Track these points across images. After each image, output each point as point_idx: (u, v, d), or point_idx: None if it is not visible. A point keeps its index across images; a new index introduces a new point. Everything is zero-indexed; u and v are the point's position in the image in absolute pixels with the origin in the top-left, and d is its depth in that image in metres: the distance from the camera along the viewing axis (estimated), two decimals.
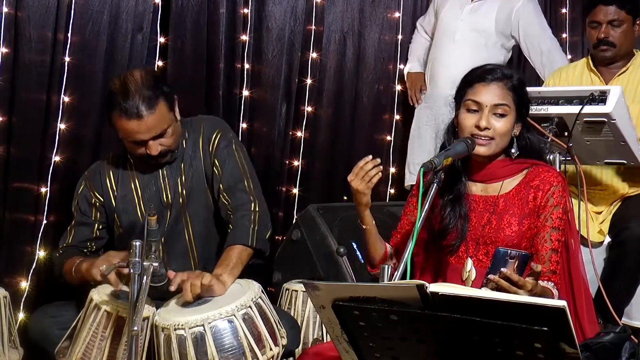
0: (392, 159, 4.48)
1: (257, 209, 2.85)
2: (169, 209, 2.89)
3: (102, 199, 2.93)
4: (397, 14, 4.52)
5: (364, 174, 2.36)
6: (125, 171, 2.94)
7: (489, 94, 2.39)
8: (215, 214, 2.93)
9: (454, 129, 2.50)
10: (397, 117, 4.45)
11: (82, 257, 2.81)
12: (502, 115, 2.39)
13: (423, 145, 4.22)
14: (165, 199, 2.89)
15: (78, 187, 2.99)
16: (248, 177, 2.91)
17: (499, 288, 2.08)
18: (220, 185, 2.87)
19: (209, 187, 2.91)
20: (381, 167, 2.38)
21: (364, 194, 2.40)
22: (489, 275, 2.13)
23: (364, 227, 2.50)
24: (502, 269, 2.09)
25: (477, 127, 2.38)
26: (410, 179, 4.26)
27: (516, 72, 2.52)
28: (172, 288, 2.61)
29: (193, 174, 2.90)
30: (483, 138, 2.38)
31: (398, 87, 4.44)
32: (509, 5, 4.11)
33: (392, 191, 4.45)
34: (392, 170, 4.44)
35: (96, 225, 2.94)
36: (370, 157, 2.38)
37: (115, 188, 2.93)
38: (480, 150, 2.40)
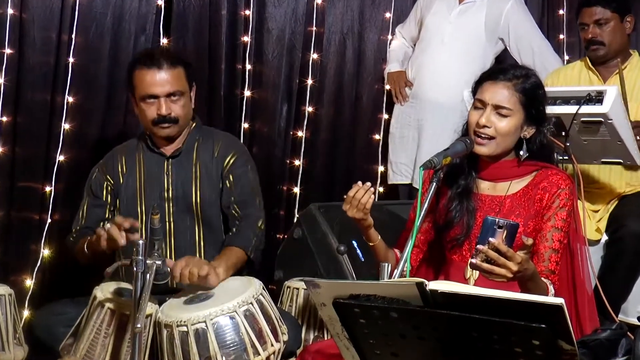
0: (380, 158, 4.45)
1: (262, 227, 2.95)
2: (169, 203, 2.91)
3: (112, 181, 2.97)
4: (388, 15, 4.47)
5: (357, 202, 2.31)
6: (134, 157, 2.98)
7: (494, 93, 2.35)
8: (224, 224, 2.98)
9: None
10: (385, 116, 4.43)
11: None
12: (504, 116, 2.34)
13: (405, 145, 4.15)
14: (165, 193, 2.91)
15: (92, 172, 3.03)
16: (260, 196, 3.01)
17: (488, 260, 2.02)
18: (232, 198, 2.93)
19: (219, 198, 2.95)
20: (372, 189, 2.32)
21: (363, 219, 2.36)
22: (477, 246, 2.04)
23: (370, 244, 2.44)
24: (490, 239, 2.01)
25: (477, 124, 2.35)
26: (393, 177, 4.20)
27: (534, 75, 2.43)
28: (176, 278, 2.63)
29: (208, 181, 2.94)
30: (483, 136, 2.36)
31: (387, 87, 4.40)
32: (498, 7, 4.03)
33: (381, 189, 4.42)
34: (381, 169, 4.41)
35: (108, 207, 2.97)
36: (360, 183, 2.33)
37: (124, 171, 2.97)
38: (480, 149, 2.37)
